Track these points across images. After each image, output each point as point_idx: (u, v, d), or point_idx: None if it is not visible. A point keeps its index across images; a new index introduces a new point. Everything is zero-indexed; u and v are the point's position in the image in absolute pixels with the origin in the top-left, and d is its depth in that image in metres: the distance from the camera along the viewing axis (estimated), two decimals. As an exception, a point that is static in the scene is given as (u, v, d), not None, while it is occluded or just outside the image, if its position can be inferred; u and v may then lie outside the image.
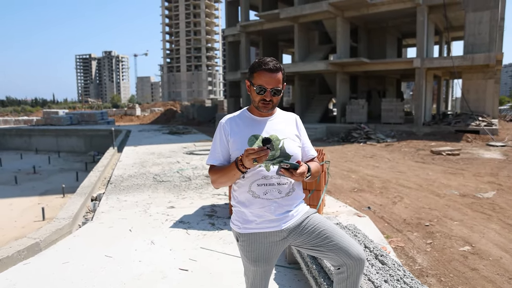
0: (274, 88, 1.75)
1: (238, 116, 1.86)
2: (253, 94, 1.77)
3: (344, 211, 4.95)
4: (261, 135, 1.77)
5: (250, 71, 1.79)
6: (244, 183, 1.76)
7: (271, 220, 1.75)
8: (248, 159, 1.58)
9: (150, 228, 4.32)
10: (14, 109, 68.17)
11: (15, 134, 24.73)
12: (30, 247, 3.82)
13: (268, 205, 1.74)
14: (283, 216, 1.76)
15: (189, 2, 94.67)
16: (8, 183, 13.96)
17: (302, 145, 1.89)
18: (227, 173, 1.72)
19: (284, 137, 1.80)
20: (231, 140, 1.78)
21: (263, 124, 1.81)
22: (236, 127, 1.80)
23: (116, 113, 42.32)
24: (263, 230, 1.76)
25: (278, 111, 1.92)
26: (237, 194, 1.81)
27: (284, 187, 1.76)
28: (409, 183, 7.70)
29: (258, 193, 1.74)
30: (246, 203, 1.77)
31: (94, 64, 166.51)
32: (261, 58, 1.78)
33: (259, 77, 1.74)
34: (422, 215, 5.47)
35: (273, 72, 1.74)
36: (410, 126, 18.19)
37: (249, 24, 24.53)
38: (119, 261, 3.42)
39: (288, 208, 1.78)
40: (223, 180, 1.77)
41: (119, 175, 7.77)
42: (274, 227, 1.76)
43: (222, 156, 1.81)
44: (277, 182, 1.74)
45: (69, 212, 4.88)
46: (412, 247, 4.27)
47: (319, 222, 1.79)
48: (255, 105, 1.79)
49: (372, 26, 23.47)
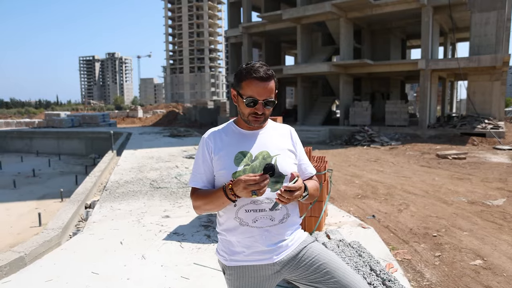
0: (267, 100, 1.49)
1: (223, 129, 1.61)
2: (242, 106, 1.51)
3: (347, 221, 4.70)
4: (250, 153, 1.52)
5: (237, 79, 1.53)
6: (230, 209, 1.52)
7: (262, 251, 1.51)
8: (246, 191, 1.34)
9: (142, 241, 4.09)
10: (18, 111, 68.30)
11: (16, 137, 24.64)
12: (14, 262, 3.59)
13: (258, 234, 1.49)
14: (276, 247, 1.51)
15: (192, 4, 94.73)
16: (6, 186, 13.80)
17: (299, 162, 1.64)
18: (213, 200, 1.47)
19: (277, 153, 1.55)
20: (215, 158, 1.54)
21: (252, 138, 1.56)
22: (221, 143, 1.55)
23: (118, 115, 42.23)
24: (252, 263, 1.52)
25: (270, 123, 1.66)
26: (222, 220, 1.57)
27: (277, 214, 1.51)
28: (414, 189, 7.44)
29: (246, 220, 1.49)
30: (233, 231, 1.52)
31: (97, 66, 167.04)
32: (248, 63, 1.51)
33: (248, 87, 1.48)
34: (429, 224, 5.22)
35: (265, 80, 1.48)
36: (414, 129, 17.90)
37: (251, 25, 24.33)
38: (106, 278, 3.19)
39: (281, 238, 1.53)
40: (208, 208, 1.52)
41: (115, 180, 7.56)
42: (265, 259, 1.51)
43: (205, 177, 1.57)
44: (268, 207, 1.49)
45: (59, 222, 4.66)
46: (420, 260, 4.03)
47: (318, 254, 1.54)
48: (244, 118, 1.53)
49: (376, 27, 23.19)
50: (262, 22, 23.55)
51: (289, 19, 21.01)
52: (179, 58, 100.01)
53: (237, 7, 27.63)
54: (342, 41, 20.17)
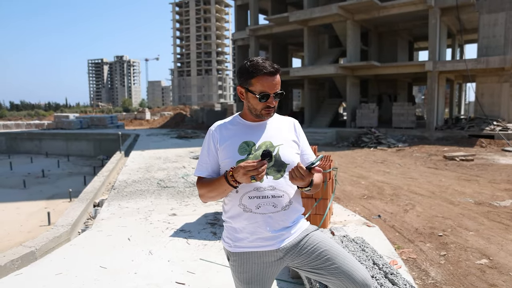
0: (277, 92, 1.58)
1: (229, 122, 1.68)
2: (253, 102, 1.58)
3: (352, 220, 4.72)
4: (253, 142, 1.58)
5: (244, 77, 1.58)
6: (235, 196, 1.57)
7: (265, 237, 1.56)
8: (246, 176, 1.40)
9: (149, 237, 4.15)
10: (28, 113, 69.25)
11: (26, 138, 24.97)
12: (25, 256, 3.69)
13: (261, 220, 1.54)
14: (279, 234, 1.56)
15: (200, 7, 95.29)
16: (16, 186, 14.01)
17: (301, 152, 1.69)
18: (216, 187, 1.53)
19: (279, 143, 1.61)
20: (220, 148, 1.60)
21: (256, 129, 1.63)
22: (226, 134, 1.62)
23: (126, 117, 42.60)
24: (256, 249, 1.57)
25: (275, 115, 1.72)
26: (227, 208, 1.63)
27: (280, 200, 1.56)
28: (421, 190, 7.42)
29: (249, 206, 1.54)
30: (237, 218, 1.58)
31: (106, 69, 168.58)
32: (252, 60, 1.57)
33: (259, 83, 1.54)
34: (435, 224, 5.21)
35: (273, 75, 1.56)
36: (422, 131, 17.81)
37: (258, 28, 24.43)
38: (114, 272, 3.26)
39: (284, 224, 1.58)
40: (212, 195, 1.58)
41: (123, 180, 7.66)
42: (268, 245, 1.56)
43: (210, 166, 1.63)
44: (271, 194, 1.54)
45: (68, 219, 4.75)
46: (425, 259, 4.03)
47: (320, 241, 1.59)
48: (257, 113, 1.60)
49: (383, 29, 23.15)
50: (269, 25, 23.62)
51: (296, 22, 21.06)
52: (187, 61, 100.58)
53: (244, 10, 27.77)
54: (349, 43, 20.17)
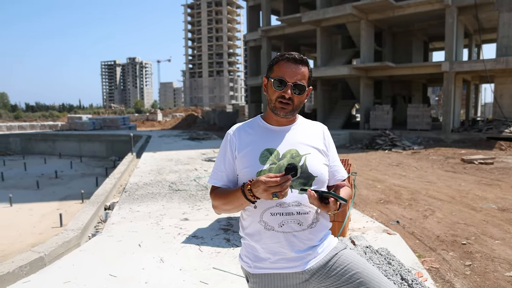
0: (297, 82, 1.36)
1: (249, 124, 1.49)
2: (270, 91, 1.40)
3: (371, 227, 4.52)
4: (277, 150, 1.39)
5: (269, 66, 1.43)
6: (255, 211, 1.40)
7: (289, 258, 1.38)
8: (267, 193, 1.21)
9: (160, 243, 4.02)
10: (42, 114, 70.39)
11: (40, 139, 25.27)
12: (34, 262, 3.59)
13: (284, 239, 1.37)
14: (305, 254, 1.39)
15: (211, 9, 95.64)
16: (30, 187, 14.12)
17: (330, 164, 1.50)
18: (232, 201, 1.35)
19: (306, 152, 1.42)
20: (239, 155, 1.42)
21: (280, 135, 1.44)
22: (246, 139, 1.44)
23: (138, 118, 42.89)
24: (279, 270, 1.40)
25: (301, 119, 1.53)
26: (246, 224, 1.45)
27: (306, 217, 1.38)
28: (440, 194, 7.16)
29: (271, 224, 1.36)
30: (257, 237, 1.40)
31: (118, 70, 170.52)
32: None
33: (279, 69, 1.38)
34: (458, 231, 4.97)
35: (297, 63, 1.37)
36: (437, 133, 17.41)
37: (270, 29, 24.28)
38: (123, 281, 3.13)
39: (311, 244, 1.40)
40: (227, 208, 1.41)
41: (135, 182, 7.57)
42: (293, 267, 1.39)
43: (226, 176, 1.45)
44: (297, 211, 1.36)
45: (78, 223, 4.66)
46: (449, 269, 3.81)
47: (350, 262, 1.41)
48: (271, 105, 1.42)
49: (397, 30, 22.76)
50: (281, 26, 23.46)
51: (309, 22, 20.85)
52: (198, 62, 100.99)
53: (256, 11, 27.65)
54: (362, 43, 19.86)
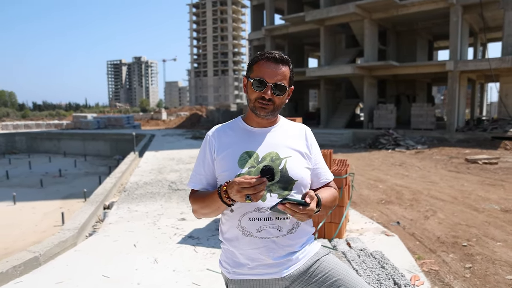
0: (277, 83, 1.31)
1: (229, 126, 1.45)
2: (250, 91, 1.35)
3: (370, 228, 4.46)
4: (256, 153, 1.35)
5: (249, 65, 1.38)
6: (233, 216, 1.35)
7: (268, 264, 1.34)
8: (240, 195, 1.17)
9: (156, 244, 4.00)
10: (49, 113, 70.82)
11: (45, 138, 25.42)
12: (28, 262, 3.58)
13: (263, 245, 1.32)
14: (285, 260, 1.34)
15: (217, 8, 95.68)
16: (34, 186, 14.21)
17: (314, 166, 1.45)
18: (209, 204, 1.31)
19: (287, 155, 1.36)
20: (218, 158, 1.38)
21: (260, 137, 1.39)
22: (226, 141, 1.39)
23: (143, 117, 43.04)
24: (258, 277, 1.35)
25: (283, 121, 1.48)
26: (224, 229, 1.41)
27: (286, 222, 1.33)
28: (442, 194, 7.08)
29: (249, 229, 1.32)
30: (235, 242, 1.36)
31: (124, 70, 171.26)
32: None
33: (258, 69, 1.33)
34: (459, 232, 4.90)
35: (277, 62, 1.32)
36: (442, 132, 17.26)
37: (274, 28, 24.21)
38: (116, 282, 3.11)
39: (291, 249, 1.35)
40: (205, 212, 1.36)
41: (135, 182, 7.57)
42: (272, 273, 1.34)
43: (205, 179, 1.41)
44: (275, 216, 1.31)
45: (75, 223, 4.65)
46: (448, 271, 3.74)
47: (332, 269, 1.36)
48: (251, 105, 1.36)
49: (401, 28, 22.59)
50: (285, 25, 23.38)
51: (312, 21, 20.76)
52: (203, 61, 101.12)
53: (260, 10, 27.59)
54: (366, 42, 19.73)
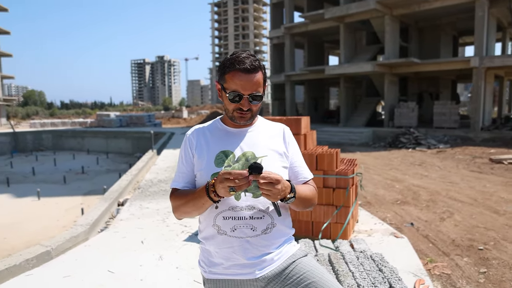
0: (253, 94, 1.31)
1: (208, 127, 1.45)
2: (226, 102, 1.35)
3: (379, 229, 4.37)
4: (232, 152, 1.35)
5: (220, 71, 1.36)
6: (208, 214, 1.35)
7: (242, 265, 1.33)
8: (223, 186, 1.17)
9: (163, 241, 4.05)
10: (75, 111, 73.01)
11: (70, 136, 26.23)
12: (40, 255, 3.70)
13: (237, 245, 1.31)
14: (259, 261, 1.33)
15: (238, 7, 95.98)
16: (58, 182, 14.70)
17: (291, 165, 1.44)
18: (193, 201, 1.30)
19: (263, 154, 1.36)
20: (196, 157, 1.39)
21: (238, 137, 1.39)
22: (204, 141, 1.40)
23: (164, 115, 43.70)
24: (232, 277, 1.35)
25: (260, 121, 1.47)
26: (202, 227, 1.41)
27: (260, 222, 1.32)
28: (461, 196, 6.85)
29: (224, 228, 1.32)
30: (211, 241, 1.36)
31: (147, 69, 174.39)
32: (234, 53, 1.34)
33: (232, 80, 1.31)
34: (476, 235, 4.72)
35: (250, 72, 1.30)
36: (466, 131, 16.72)
37: (293, 26, 24.07)
38: (120, 278, 3.16)
39: (265, 250, 1.34)
40: (187, 210, 1.35)
41: (150, 179, 7.69)
42: (246, 274, 1.33)
43: (187, 176, 1.42)
44: (249, 215, 1.30)
45: (88, 219, 4.77)
46: (461, 275, 3.62)
47: (307, 271, 1.34)
48: (229, 115, 1.37)
49: (424, 24, 21.99)
50: (305, 22, 23.20)
51: (332, 18, 20.52)
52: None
53: (280, 8, 27.49)
54: (387, 39, 19.34)
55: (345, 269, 2.21)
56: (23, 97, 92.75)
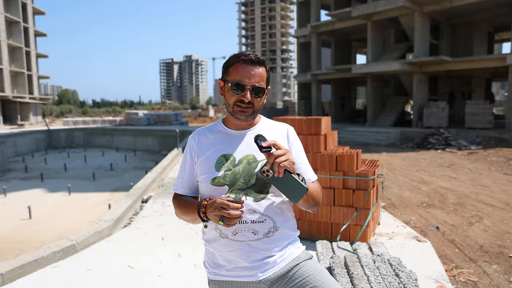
0: (255, 86, 1.29)
1: (209, 128, 1.44)
2: (228, 95, 1.33)
3: (401, 232, 4.25)
4: (233, 156, 1.33)
5: (224, 67, 1.36)
6: None
7: (244, 267, 1.33)
8: (215, 214, 1.20)
9: (182, 239, 4.12)
10: (106, 110, 75.45)
11: (100, 133, 27.07)
12: (66, 249, 3.85)
13: (238, 248, 1.31)
14: (261, 264, 1.32)
15: (265, 6, 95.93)
16: (87, 178, 15.22)
17: (295, 166, 1.41)
18: (187, 213, 1.34)
19: (264, 157, 1.32)
20: (198, 161, 1.37)
21: (238, 139, 1.36)
22: (205, 144, 1.38)
23: (191, 114, 44.35)
24: (235, 278, 1.35)
25: (263, 121, 1.44)
26: (205, 230, 1.42)
27: (262, 226, 1.30)
28: (492, 199, 6.57)
29: (225, 232, 1.31)
30: (214, 243, 1.37)
31: (175, 68, 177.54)
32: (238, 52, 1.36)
33: (235, 72, 1.30)
34: (506, 242, 4.51)
35: (254, 64, 1.30)
36: (500, 132, 16.01)
37: (320, 24, 23.81)
38: (139, 273, 3.24)
39: (267, 253, 1.32)
40: (185, 218, 1.39)
41: (173, 177, 7.83)
42: (248, 276, 1.33)
43: (187, 183, 1.42)
44: (251, 219, 1.29)
45: (112, 215, 4.92)
46: (489, 284, 3.47)
47: (310, 274, 1.32)
48: (229, 110, 1.34)
49: (456, 21, 21.19)
50: (331, 21, 22.90)
51: (359, 16, 20.15)
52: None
53: (306, 7, 27.24)
54: (416, 37, 18.78)
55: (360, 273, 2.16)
56: (58, 96, 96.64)
